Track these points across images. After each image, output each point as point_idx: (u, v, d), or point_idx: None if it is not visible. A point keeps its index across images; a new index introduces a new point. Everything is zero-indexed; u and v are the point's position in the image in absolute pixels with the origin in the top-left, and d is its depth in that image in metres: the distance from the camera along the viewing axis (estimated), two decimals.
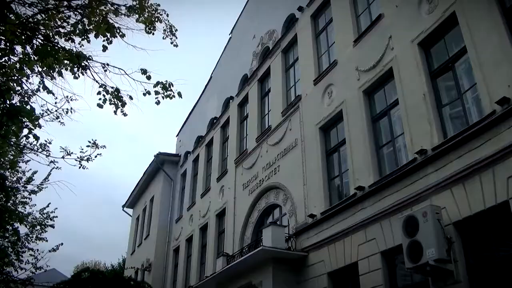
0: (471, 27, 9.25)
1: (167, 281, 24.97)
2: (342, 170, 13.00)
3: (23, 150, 8.03)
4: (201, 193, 23.22)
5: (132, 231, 33.87)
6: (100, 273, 4.46)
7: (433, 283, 8.81)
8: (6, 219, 9.96)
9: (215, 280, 16.04)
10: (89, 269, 4.68)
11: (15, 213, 10.57)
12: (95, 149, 7.54)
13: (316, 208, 13.15)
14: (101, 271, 4.78)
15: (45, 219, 17.54)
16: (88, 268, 4.75)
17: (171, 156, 29.11)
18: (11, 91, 6.56)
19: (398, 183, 10.31)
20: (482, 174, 8.33)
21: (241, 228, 17.74)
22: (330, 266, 11.98)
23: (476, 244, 8.57)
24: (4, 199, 10.60)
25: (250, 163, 18.33)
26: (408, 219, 9.05)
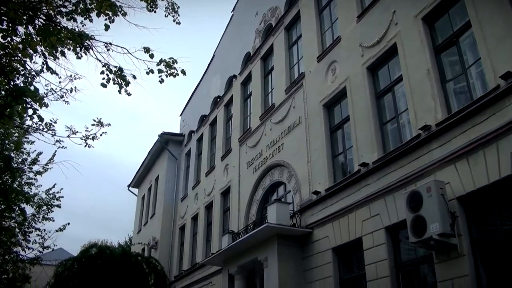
0: (476, 1, 9.15)
1: (174, 258, 25.28)
2: (346, 147, 13.02)
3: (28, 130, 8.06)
4: (206, 172, 23.34)
5: (138, 210, 34.17)
6: (108, 249, 4.52)
7: (436, 257, 8.91)
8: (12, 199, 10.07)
9: (221, 256, 16.24)
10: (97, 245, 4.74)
11: (21, 193, 10.68)
12: (100, 127, 7.58)
13: (321, 185, 13.22)
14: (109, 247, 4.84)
15: (51, 199, 17.73)
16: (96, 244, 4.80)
17: (175, 136, 29.18)
18: (15, 71, 6.57)
19: (402, 159, 10.34)
20: (486, 149, 8.34)
21: (246, 205, 17.87)
22: (334, 241, 12.10)
23: (479, 218, 8.63)
24: (10, 180, 10.70)
25: (254, 141, 18.37)
26: (412, 195, 9.11)
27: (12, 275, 22.36)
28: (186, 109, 30.17)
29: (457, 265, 8.45)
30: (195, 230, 23.58)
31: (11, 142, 15.44)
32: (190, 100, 29.59)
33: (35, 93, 5.96)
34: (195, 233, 23.38)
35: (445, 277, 8.65)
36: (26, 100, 6.40)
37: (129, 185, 34.50)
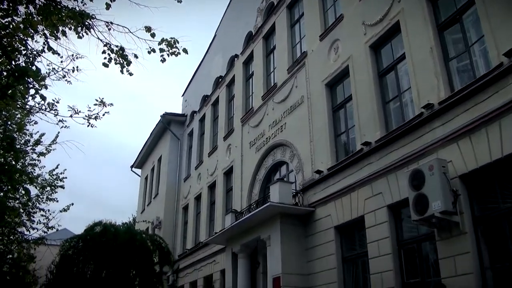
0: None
1: (177, 237, 25.51)
2: (349, 126, 13.01)
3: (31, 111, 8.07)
4: (209, 152, 23.39)
5: (141, 191, 34.37)
6: (113, 227, 4.56)
7: (438, 235, 8.97)
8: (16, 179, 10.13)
9: (224, 235, 16.37)
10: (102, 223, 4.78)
11: (25, 173, 10.74)
12: (102, 107, 7.57)
13: (323, 164, 13.25)
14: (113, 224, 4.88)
15: (54, 180, 17.84)
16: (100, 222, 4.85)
17: (178, 116, 29.18)
18: (16, 51, 6.55)
19: (404, 138, 10.34)
20: (489, 127, 8.33)
21: (248, 185, 17.95)
22: (337, 220, 12.18)
23: (481, 196, 8.67)
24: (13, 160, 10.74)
25: (256, 121, 18.36)
26: (414, 173, 9.14)
27: (17, 255, 22.63)
28: (188, 89, 30.10)
29: (459, 243, 8.51)
30: (198, 210, 23.75)
31: (14, 124, 15.47)
32: (192, 81, 29.51)
33: (37, 73, 5.96)
34: (199, 212, 23.55)
35: (447, 255, 8.73)
36: (28, 80, 6.40)
37: (132, 166, 34.65)
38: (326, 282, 12.08)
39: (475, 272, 8.15)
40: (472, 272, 8.16)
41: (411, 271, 9.90)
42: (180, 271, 23.96)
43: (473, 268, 8.18)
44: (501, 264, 8.11)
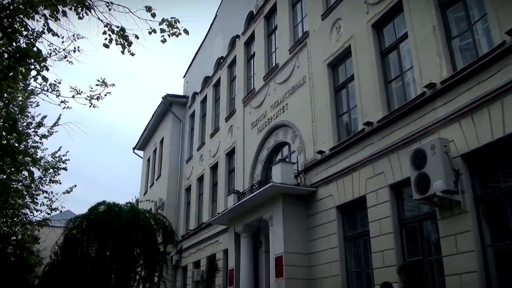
0: None
1: (180, 218, 25.68)
2: (351, 106, 12.99)
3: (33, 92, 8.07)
4: (210, 133, 23.42)
5: (144, 172, 34.50)
6: (116, 206, 4.60)
7: (440, 214, 9.02)
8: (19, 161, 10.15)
9: (227, 216, 16.49)
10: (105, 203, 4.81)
11: (28, 154, 10.77)
12: (104, 87, 7.57)
13: (325, 144, 13.27)
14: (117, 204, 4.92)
15: (57, 162, 17.92)
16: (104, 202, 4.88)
17: (179, 98, 29.14)
18: (17, 32, 6.53)
19: (406, 118, 10.33)
20: (491, 106, 8.31)
21: (250, 166, 18.00)
22: (338, 200, 12.25)
23: (483, 175, 8.70)
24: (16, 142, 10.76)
25: (258, 102, 18.33)
26: (416, 152, 9.15)
27: (21, 236, 22.84)
28: (189, 70, 29.99)
29: (460, 221, 8.56)
30: (200, 191, 23.86)
31: (16, 106, 15.48)
32: (193, 62, 29.38)
33: (38, 54, 5.95)
34: (201, 193, 23.67)
35: (448, 233, 8.79)
36: (29, 61, 6.39)
37: (134, 148, 34.72)
38: (328, 260, 12.20)
39: (476, 250, 8.22)
40: (473, 250, 8.23)
41: (412, 249, 9.98)
42: (184, 251, 24.19)
43: (474, 246, 8.24)
44: (502, 242, 8.18)
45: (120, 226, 4.45)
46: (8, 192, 9.01)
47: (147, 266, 4.50)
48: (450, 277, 8.60)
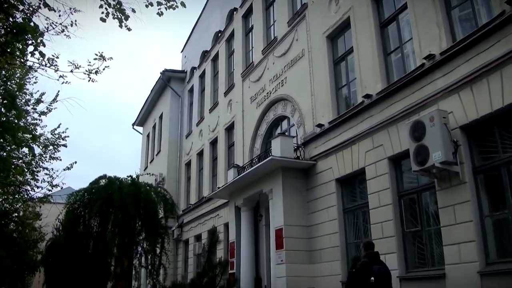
0: None
1: (181, 193, 25.83)
2: (350, 79, 12.96)
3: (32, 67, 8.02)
4: (209, 108, 23.37)
5: (144, 148, 34.56)
6: (117, 180, 4.63)
7: (438, 185, 9.10)
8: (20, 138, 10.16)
9: (227, 190, 16.60)
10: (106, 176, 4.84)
11: (28, 130, 10.78)
12: (102, 61, 7.52)
13: (324, 117, 13.27)
14: (118, 177, 4.95)
15: (57, 139, 17.92)
16: (105, 176, 4.91)
17: (177, 73, 28.96)
18: (13, 7, 6.46)
19: (405, 90, 10.31)
20: (490, 77, 8.30)
21: (250, 140, 18.04)
22: (338, 172, 12.32)
23: (482, 146, 8.74)
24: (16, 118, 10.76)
25: (257, 76, 18.25)
26: (415, 124, 9.17)
27: (23, 213, 22.99)
28: (187, 45, 29.75)
29: (459, 192, 8.64)
30: (201, 166, 23.95)
31: (14, 84, 15.40)
32: (190, 36, 29.12)
33: (35, 29, 5.91)
34: (201, 168, 23.76)
35: (446, 204, 8.88)
36: (26, 37, 6.35)
37: (134, 124, 34.68)
38: (328, 232, 12.34)
39: (474, 220, 8.32)
40: (472, 220, 8.33)
41: (411, 220, 10.09)
42: (185, 226, 24.42)
43: (473, 216, 8.34)
44: (500, 212, 8.27)
45: (121, 199, 4.50)
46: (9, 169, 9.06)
47: (149, 238, 4.57)
48: (448, 247, 8.72)
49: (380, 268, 7.15)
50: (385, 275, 7.08)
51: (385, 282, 6.97)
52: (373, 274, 6.93)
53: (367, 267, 7.06)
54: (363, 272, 7.05)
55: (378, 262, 7.37)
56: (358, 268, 7.27)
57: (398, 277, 9.85)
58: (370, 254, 7.55)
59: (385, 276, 7.07)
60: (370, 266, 7.11)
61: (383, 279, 6.97)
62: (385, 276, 7.05)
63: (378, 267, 7.17)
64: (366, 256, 7.49)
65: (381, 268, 7.15)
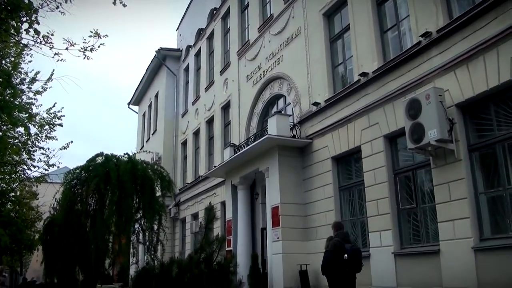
0: None
1: (177, 172, 25.90)
2: (346, 57, 12.91)
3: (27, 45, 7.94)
4: (205, 87, 23.29)
5: (140, 127, 34.51)
6: (114, 157, 4.63)
7: (434, 163, 9.16)
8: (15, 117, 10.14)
9: (224, 168, 16.66)
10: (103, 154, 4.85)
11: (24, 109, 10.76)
12: (97, 39, 7.46)
13: (320, 96, 13.27)
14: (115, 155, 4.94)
15: (52, 118, 17.89)
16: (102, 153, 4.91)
17: (173, 51, 28.77)
18: None
19: (402, 67, 10.30)
20: (486, 55, 8.29)
21: (246, 119, 18.03)
22: (334, 151, 12.37)
23: (477, 124, 8.79)
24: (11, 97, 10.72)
25: (253, 54, 18.15)
26: (411, 102, 9.19)
27: (20, 193, 23.05)
28: (182, 23, 29.48)
29: (454, 170, 8.71)
30: (197, 145, 23.98)
31: (8, 63, 15.28)
32: (186, 14, 28.83)
33: (29, 5, 5.85)
34: (197, 147, 23.79)
35: (441, 181, 8.95)
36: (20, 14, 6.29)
37: (129, 103, 34.56)
38: (323, 210, 12.45)
39: (469, 197, 8.41)
40: (466, 197, 8.41)
41: (406, 198, 10.18)
42: (181, 204, 24.55)
43: (467, 193, 8.42)
44: (494, 189, 8.35)
45: (119, 176, 4.51)
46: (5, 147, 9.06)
47: (147, 215, 4.61)
48: (443, 223, 8.82)
49: (352, 246, 7.73)
50: (357, 253, 7.68)
51: (356, 259, 7.57)
52: (346, 252, 7.50)
53: (340, 246, 7.61)
54: (337, 250, 7.60)
55: (348, 241, 7.90)
56: (332, 247, 7.76)
57: (393, 253, 10.00)
58: (341, 233, 8.02)
59: (357, 254, 7.66)
60: (343, 245, 7.64)
61: (355, 256, 7.57)
62: (356, 254, 7.65)
63: (350, 245, 7.73)
64: (337, 236, 7.94)
65: (353, 247, 7.73)
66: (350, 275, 7.59)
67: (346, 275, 7.52)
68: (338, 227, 8.26)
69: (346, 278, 7.56)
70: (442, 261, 8.77)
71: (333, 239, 7.91)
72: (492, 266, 7.82)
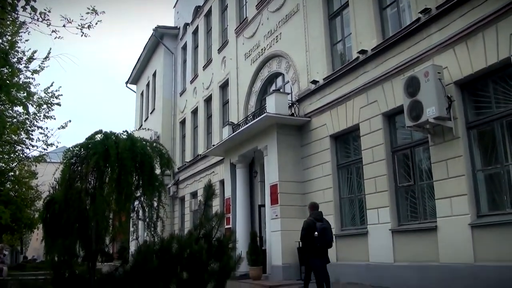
0: None
1: (176, 151, 25.91)
2: (345, 35, 12.84)
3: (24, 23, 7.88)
4: (203, 66, 23.16)
5: (138, 106, 34.41)
6: (113, 134, 4.62)
7: (432, 140, 9.19)
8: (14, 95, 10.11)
9: (222, 147, 16.69)
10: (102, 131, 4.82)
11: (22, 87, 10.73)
12: (94, 15, 7.39)
13: (319, 74, 13.23)
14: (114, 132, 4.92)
15: (50, 97, 17.84)
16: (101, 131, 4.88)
17: (170, 29, 28.50)
18: None
19: (401, 45, 10.25)
20: (485, 31, 8.26)
21: (244, 97, 17.99)
22: (332, 129, 12.38)
23: (475, 101, 8.79)
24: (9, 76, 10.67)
25: (251, 32, 18.02)
26: (409, 80, 9.18)
27: (19, 172, 23.11)
28: (179, 0, 29.14)
29: (452, 147, 8.75)
30: (195, 124, 23.96)
31: (5, 41, 15.17)
32: None
33: None
34: (196, 126, 23.77)
35: (439, 159, 8.99)
36: None
37: (127, 82, 34.38)
38: (322, 188, 12.52)
39: (466, 175, 8.46)
40: (464, 175, 8.47)
41: (404, 175, 10.23)
42: (180, 183, 24.64)
43: (465, 170, 8.48)
44: (492, 166, 8.39)
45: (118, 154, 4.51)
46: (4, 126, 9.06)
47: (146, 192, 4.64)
48: (440, 200, 8.90)
49: (322, 224, 8.73)
50: (326, 230, 8.75)
51: (325, 235, 8.67)
52: (317, 230, 8.58)
53: (312, 225, 8.68)
54: (309, 228, 8.69)
55: (321, 220, 8.86)
56: (305, 225, 8.87)
57: (391, 230, 10.09)
58: (315, 213, 9.06)
59: (326, 231, 8.75)
60: (314, 223, 8.70)
61: (324, 233, 8.65)
62: (325, 231, 8.72)
63: (321, 224, 8.73)
64: (311, 215, 9.01)
65: (323, 225, 8.74)
66: (321, 250, 8.65)
67: (318, 250, 8.58)
68: (313, 207, 9.34)
69: (318, 253, 8.61)
70: (439, 237, 8.87)
71: (307, 218, 9.02)
72: (488, 242, 7.92)
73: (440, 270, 8.72)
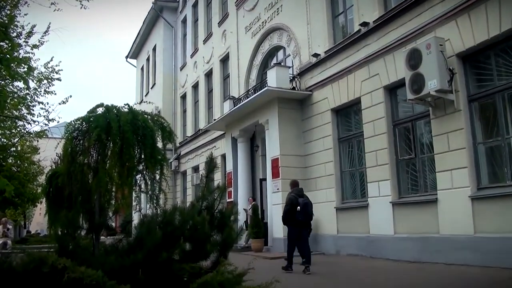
0: None
1: (177, 126, 25.91)
2: (347, 7, 12.70)
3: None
4: (203, 39, 22.97)
5: (138, 81, 34.25)
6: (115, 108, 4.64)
7: (433, 113, 9.18)
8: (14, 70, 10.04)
9: (224, 121, 16.70)
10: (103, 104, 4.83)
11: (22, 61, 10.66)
12: None
13: (320, 47, 13.13)
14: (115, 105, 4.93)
15: (50, 72, 17.75)
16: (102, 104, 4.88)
17: (170, 2, 28.15)
18: None
19: (403, 16, 10.15)
20: (488, 2, 8.17)
21: (245, 71, 17.90)
22: (333, 102, 12.36)
23: (477, 74, 8.75)
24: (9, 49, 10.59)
25: (251, 4, 17.81)
26: (411, 52, 9.12)
27: (21, 147, 23.16)
28: None
29: (453, 120, 8.75)
30: (196, 98, 23.90)
31: (4, 16, 15.01)
32: None
33: None
34: (197, 101, 23.72)
35: (440, 132, 9.00)
36: None
37: (127, 56, 34.16)
38: (323, 161, 12.57)
39: (467, 147, 8.48)
40: (465, 147, 8.49)
41: (405, 148, 10.25)
42: (182, 158, 24.72)
43: (466, 143, 8.50)
44: (493, 139, 8.40)
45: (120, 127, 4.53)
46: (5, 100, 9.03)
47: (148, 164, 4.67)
48: (441, 173, 8.94)
49: (304, 200, 9.31)
50: (307, 205, 9.32)
51: (307, 209, 9.27)
52: (299, 205, 9.14)
53: (294, 200, 9.25)
54: (292, 204, 9.25)
55: (302, 196, 9.43)
56: (288, 201, 9.43)
57: (391, 202, 10.17)
58: (296, 190, 9.60)
59: (307, 206, 9.33)
60: (296, 199, 9.25)
61: (306, 207, 9.23)
62: (307, 206, 9.31)
63: (303, 199, 9.31)
64: (293, 192, 9.54)
65: (304, 200, 9.33)
66: (304, 223, 9.27)
67: (300, 223, 9.18)
68: (294, 184, 9.85)
69: (300, 225, 9.21)
70: (439, 209, 8.94)
71: (289, 194, 9.55)
72: (488, 214, 7.99)
73: (440, 242, 8.82)
